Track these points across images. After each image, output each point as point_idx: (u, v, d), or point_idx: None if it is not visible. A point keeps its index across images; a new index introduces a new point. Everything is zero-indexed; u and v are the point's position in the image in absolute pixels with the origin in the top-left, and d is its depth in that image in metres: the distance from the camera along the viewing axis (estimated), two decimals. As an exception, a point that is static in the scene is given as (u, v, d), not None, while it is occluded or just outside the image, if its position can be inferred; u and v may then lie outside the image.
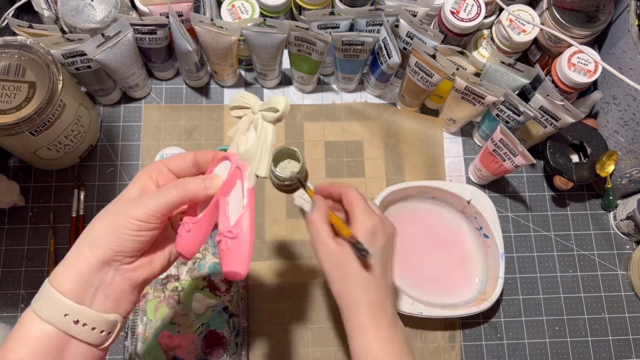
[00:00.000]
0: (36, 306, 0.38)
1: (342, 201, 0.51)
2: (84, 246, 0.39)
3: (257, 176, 0.41)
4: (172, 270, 0.68)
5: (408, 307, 0.64)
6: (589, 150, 0.72)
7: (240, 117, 0.42)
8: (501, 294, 0.71)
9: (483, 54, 0.74)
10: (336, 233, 0.49)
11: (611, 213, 0.75)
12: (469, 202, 0.69)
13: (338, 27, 0.66)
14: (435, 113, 0.78)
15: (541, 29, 0.69)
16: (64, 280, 0.38)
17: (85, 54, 0.63)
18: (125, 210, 0.39)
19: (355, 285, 0.47)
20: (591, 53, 0.65)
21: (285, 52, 0.73)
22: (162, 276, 0.67)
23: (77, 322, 0.37)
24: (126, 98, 0.76)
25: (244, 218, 0.39)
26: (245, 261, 0.38)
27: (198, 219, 0.41)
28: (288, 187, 0.72)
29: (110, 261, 0.38)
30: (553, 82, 0.69)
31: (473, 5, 0.67)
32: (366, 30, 0.68)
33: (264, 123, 0.41)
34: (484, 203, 0.68)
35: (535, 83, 0.67)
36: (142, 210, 0.38)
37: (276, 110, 0.40)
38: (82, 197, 0.70)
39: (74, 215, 0.69)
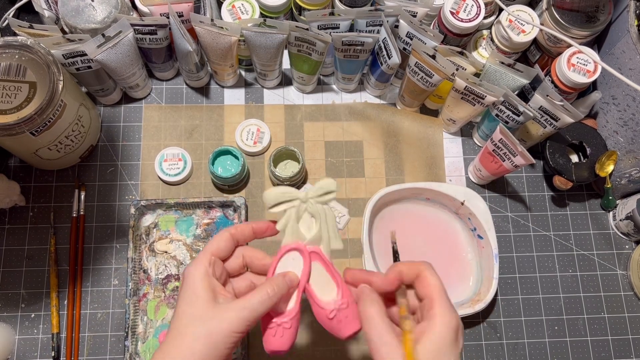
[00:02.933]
0: None
1: (413, 284, 0.43)
2: None
3: (334, 251, 0.46)
4: (172, 270, 0.68)
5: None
6: (588, 151, 0.72)
7: (283, 211, 0.45)
8: (501, 294, 0.71)
9: (483, 54, 0.74)
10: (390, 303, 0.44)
11: (610, 213, 0.76)
12: (462, 203, 0.69)
13: (338, 28, 0.66)
14: (435, 113, 0.78)
15: (541, 30, 0.69)
16: None
17: (85, 54, 0.63)
18: (223, 325, 0.39)
19: None
20: (591, 53, 0.65)
21: (285, 52, 0.73)
22: (162, 276, 0.68)
23: None
24: (127, 98, 0.76)
25: (344, 288, 0.44)
26: (359, 318, 0.43)
27: (295, 313, 0.44)
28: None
29: None
30: (552, 82, 0.69)
31: (473, 5, 0.67)
32: (366, 31, 0.68)
33: (321, 206, 0.45)
34: (477, 204, 0.68)
35: (535, 83, 0.67)
36: (241, 322, 0.39)
37: (330, 192, 0.45)
38: (82, 197, 0.70)
39: (74, 215, 0.70)
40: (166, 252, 0.69)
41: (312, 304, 0.45)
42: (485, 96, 0.66)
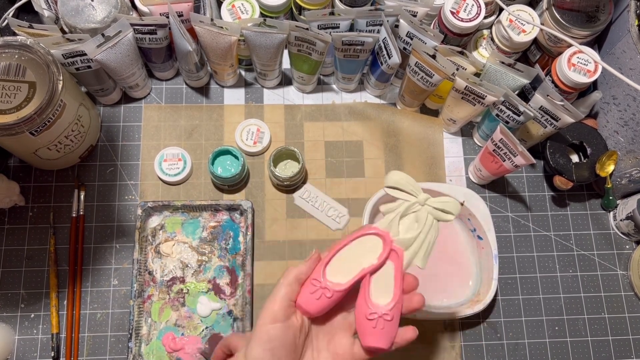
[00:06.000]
0: None
1: None
2: None
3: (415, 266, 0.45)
4: (178, 272, 0.68)
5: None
6: (588, 150, 0.72)
7: (394, 196, 0.44)
8: (501, 294, 0.71)
9: (483, 54, 0.74)
10: None
11: (611, 213, 0.75)
12: (462, 204, 0.68)
13: (338, 27, 0.66)
14: (435, 113, 0.78)
15: (541, 29, 0.69)
16: None
17: (85, 54, 0.63)
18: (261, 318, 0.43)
19: None
20: (591, 53, 0.65)
21: (285, 52, 0.73)
22: (167, 278, 0.68)
23: None
24: (126, 98, 0.76)
25: (398, 304, 0.42)
26: (393, 340, 0.42)
27: (342, 288, 0.42)
28: (288, 187, 0.72)
29: None
30: (553, 82, 0.69)
31: (473, 5, 0.67)
32: (366, 31, 0.68)
33: (431, 219, 0.44)
34: (477, 204, 0.68)
35: (535, 83, 0.67)
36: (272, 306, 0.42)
37: (448, 213, 0.44)
38: (82, 197, 0.70)
39: (74, 215, 0.70)
40: (172, 254, 0.68)
41: (360, 296, 0.43)
42: (486, 96, 0.66)
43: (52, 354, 0.65)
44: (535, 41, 0.73)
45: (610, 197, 0.74)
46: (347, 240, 0.43)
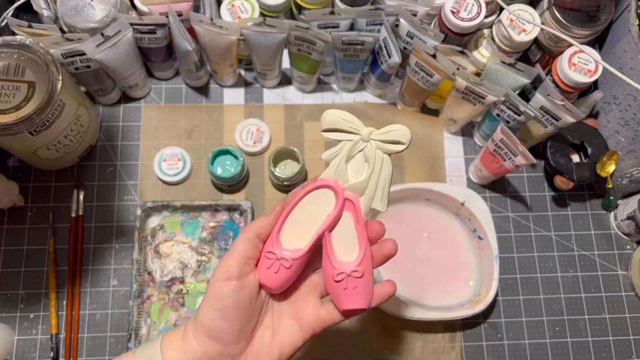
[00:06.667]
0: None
1: None
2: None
3: (374, 210, 0.40)
4: (177, 272, 0.68)
5: (402, 310, 0.64)
6: (589, 150, 0.72)
7: (336, 140, 0.39)
8: (502, 294, 0.71)
9: (483, 53, 0.74)
10: None
11: (612, 213, 0.75)
12: (462, 204, 0.68)
13: (338, 27, 0.66)
14: (435, 113, 0.78)
15: (542, 29, 0.69)
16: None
17: (84, 54, 0.63)
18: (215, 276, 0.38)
19: None
20: (592, 53, 0.65)
21: (285, 51, 0.73)
22: (167, 278, 0.67)
23: None
24: (126, 98, 0.75)
25: (366, 256, 0.38)
26: (370, 297, 0.38)
27: (302, 254, 0.38)
28: (288, 187, 0.72)
29: None
30: (554, 81, 0.69)
31: (473, 4, 0.67)
32: (366, 30, 0.68)
33: (381, 154, 0.39)
34: (478, 205, 0.68)
35: (536, 83, 0.67)
36: (226, 262, 0.38)
37: (398, 143, 0.39)
38: (81, 197, 0.70)
39: (73, 215, 0.69)
40: (171, 254, 0.68)
41: (324, 257, 0.39)
42: (486, 96, 0.66)
43: (52, 355, 0.65)
44: (535, 41, 0.72)
45: (611, 197, 0.73)
46: (295, 200, 0.38)
